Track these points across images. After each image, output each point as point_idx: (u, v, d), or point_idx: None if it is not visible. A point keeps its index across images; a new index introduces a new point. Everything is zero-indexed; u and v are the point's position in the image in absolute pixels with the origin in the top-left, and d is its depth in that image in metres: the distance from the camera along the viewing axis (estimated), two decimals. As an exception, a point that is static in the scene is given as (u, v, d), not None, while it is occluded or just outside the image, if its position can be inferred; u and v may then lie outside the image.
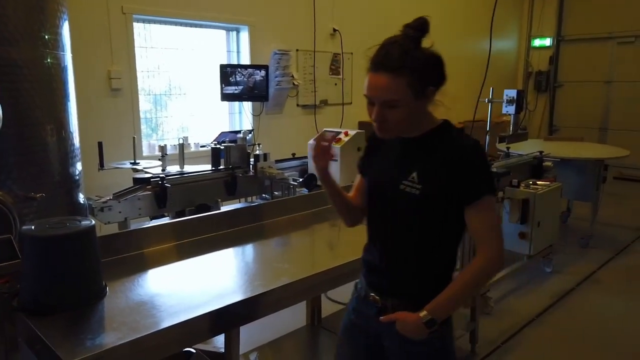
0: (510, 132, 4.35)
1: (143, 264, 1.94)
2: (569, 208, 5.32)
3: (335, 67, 5.77)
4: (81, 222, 1.60)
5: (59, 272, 1.49)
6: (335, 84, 5.78)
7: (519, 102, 4.08)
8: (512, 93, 4.13)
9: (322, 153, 1.43)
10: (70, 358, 1.26)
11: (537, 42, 8.87)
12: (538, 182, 3.85)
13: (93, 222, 1.62)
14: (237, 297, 1.64)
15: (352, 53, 5.92)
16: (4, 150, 2.25)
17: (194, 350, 2.07)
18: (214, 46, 5.02)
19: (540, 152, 4.30)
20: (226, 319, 1.60)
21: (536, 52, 8.93)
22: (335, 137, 1.48)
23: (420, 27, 1.31)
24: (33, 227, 1.52)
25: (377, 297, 1.42)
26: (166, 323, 1.47)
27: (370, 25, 6.14)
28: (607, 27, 8.05)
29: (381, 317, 1.37)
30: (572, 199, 5.12)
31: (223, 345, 2.16)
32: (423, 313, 1.30)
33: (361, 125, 5.33)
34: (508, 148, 4.38)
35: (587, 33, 8.28)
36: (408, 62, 1.27)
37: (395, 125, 1.32)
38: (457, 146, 1.32)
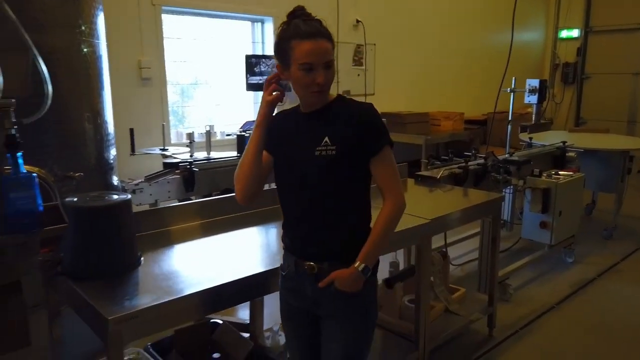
0: (533, 122, 4.33)
1: (173, 239, 2.07)
2: (593, 200, 5.27)
3: (358, 58, 5.82)
4: (118, 196, 1.73)
5: (98, 241, 1.62)
6: (358, 75, 5.83)
7: (542, 91, 4.08)
8: (534, 82, 4.13)
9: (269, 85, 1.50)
10: (110, 315, 1.38)
11: (564, 34, 8.73)
12: (560, 172, 3.85)
13: (129, 196, 1.74)
14: (259, 269, 1.74)
15: (375, 44, 5.96)
16: (45, 134, 2.39)
17: (220, 321, 2.19)
18: (239, 37, 5.14)
19: (564, 143, 4.28)
20: (251, 288, 1.70)
21: (563, 44, 8.79)
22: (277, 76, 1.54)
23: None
24: (76, 199, 1.65)
25: (311, 264, 1.50)
26: (195, 289, 1.58)
27: (393, 16, 6.17)
28: (636, 18, 7.87)
29: (320, 283, 1.48)
30: (596, 190, 5.07)
31: (248, 318, 2.29)
32: (357, 263, 1.46)
33: (383, 116, 5.37)
34: (530, 138, 4.38)
35: (616, 24, 8.11)
36: (329, 32, 1.46)
37: (329, 84, 1.46)
38: (356, 108, 1.51)
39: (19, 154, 1.28)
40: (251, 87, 4.82)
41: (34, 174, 1.29)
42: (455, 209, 2.59)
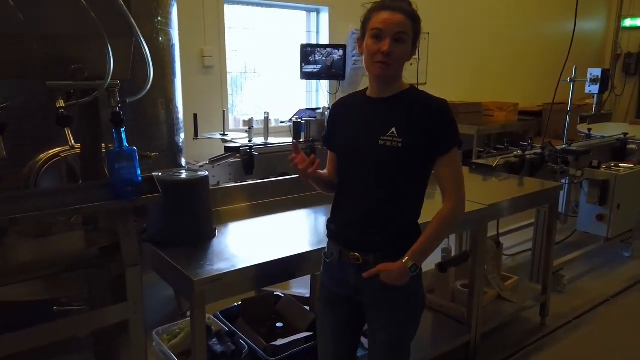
0: (593, 113, 4.23)
1: (236, 216, 2.22)
2: (654, 195, 5.07)
3: (411, 47, 5.82)
4: (198, 172, 1.89)
5: (182, 211, 1.79)
6: (411, 64, 5.78)
7: (603, 81, 3.97)
8: (596, 72, 4.02)
9: (301, 163, 1.49)
10: (195, 277, 1.54)
11: (627, 23, 8.34)
12: (620, 165, 3.75)
13: (207, 173, 1.90)
14: (322, 245, 1.84)
15: (428, 33, 5.93)
16: (125, 117, 2.59)
17: (283, 294, 2.33)
18: (294, 27, 5.25)
19: (625, 135, 4.16)
20: (313, 263, 1.81)
21: (626, 33, 8.40)
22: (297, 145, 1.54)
23: None
24: (160, 173, 1.82)
25: (356, 255, 1.48)
26: (267, 259, 1.72)
27: (448, 4, 6.12)
28: None
29: (364, 273, 1.45)
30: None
31: (308, 292, 2.41)
32: (406, 259, 1.43)
33: (435, 105, 5.36)
34: (589, 130, 4.28)
35: (686, 12, 7.68)
36: (415, 14, 1.45)
37: (398, 62, 1.43)
38: (429, 103, 1.46)
39: (123, 129, 1.44)
40: (305, 75, 4.96)
41: (135, 148, 1.45)
42: (511, 196, 2.61)
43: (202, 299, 1.56)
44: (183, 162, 3.11)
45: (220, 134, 3.93)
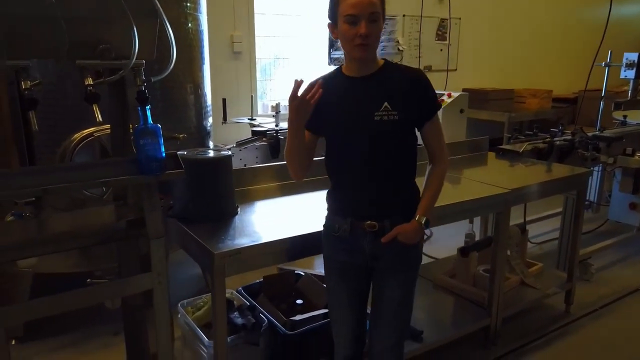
0: (628, 99, 4.09)
1: (259, 195, 2.28)
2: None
3: (441, 32, 5.74)
4: (221, 152, 1.95)
5: (206, 189, 1.86)
6: (441, 50, 5.76)
7: (640, 66, 3.83)
8: (632, 56, 3.88)
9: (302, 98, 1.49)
10: (216, 250, 1.61)
11: (673, 5, 7.94)
12: (657, 152, 3.63)
13: (230, 152, 1.96)
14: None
15: (460, 18, 5.83)
16: (154, 99, 2.68)
17: (303, 273, 2.39)
18: (323, 12, 5.24)
19: (663, 122, 4.00)
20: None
21: (671, 16, 8.00)
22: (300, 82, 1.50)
23: None
24: (185, 152, 1.90)
25: (373, 223, 1.57)
26: (286, 235, 1.77)
27: (480, -11, 5.98)
28: None
29: (383, 239, 1.56)
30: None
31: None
32: (418, 217, 1.58)
33: (466, 92, 5.29)
34: (625, 116, 4.13)
35: None
36: None
37: (375, 41, 1.49)
38: (410, 75, 1.57)
39: (148, 107, 1.51)
40: (333, 61, 4.97)
41: (159, 125, 1.51)
42: (536, 181, 2.58)
43: (221, 271, 1.63)
44: (211, 144, 3.20)
45: (248, 119, 4.01)
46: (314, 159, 1.57)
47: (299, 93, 1.48)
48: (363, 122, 1.54)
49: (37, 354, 2.46)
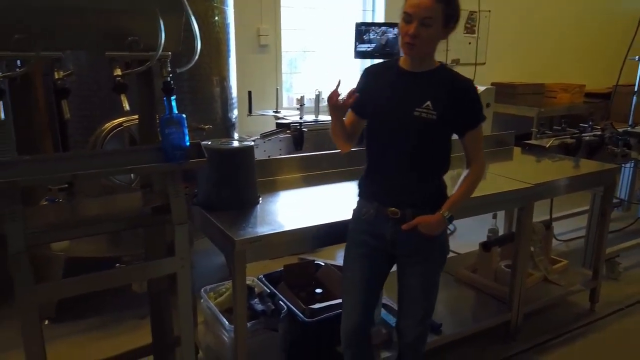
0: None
1: (282, 186, 2.33)
2: None
3: (470, 25, 5.65)
4: (243, 142, 2.00)
5: (226, 178, 1.91)
6: (469, 43, 5.67)
7: (677, 59, 3.69)
8: (669, 49, 3.74)
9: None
10: (237, 237, 1.66)
11: None
12: (692, 149, 3.50)
13: (253, 143, 2.01)
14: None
15: (489, 11, 5.73)
16: (181, 90, 2.75)
17: (323, 263, 2.42)
18: (349, 5, 5.25)
19: (701, 118, 3.86)
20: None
21: None
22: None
23: None
24: (209, 142, 1.95)
25: (395, 210, 1.64)
26: (306, 224, 1.81)
27: (511, -19, 5.86)
28: None
29: (403, 225, 1.63)
30: None
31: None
32: (443, 211, 1.64)
33: (494, 86, 5.20)
34: (660, 112, 4.00)
35: None
36: None
37: (424, 44, 1.55)
38: (459, 82, 1.65)
39: (173, 97, 1.56)
40: (359, 54, 4.95)
41: (184, 115, 1.57)
42: (562, 176, 2.54)
43: (242, 257, 1.68)
44: (235, 136, 3.26)
45: (273, 111, 4.06)
46: (332, 152, 1.64)
47: (337, 93, 1.63)
48: (402, 115, 1.62)
49: (68, 334, 2.58)
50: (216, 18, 2.85)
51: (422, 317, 1.76)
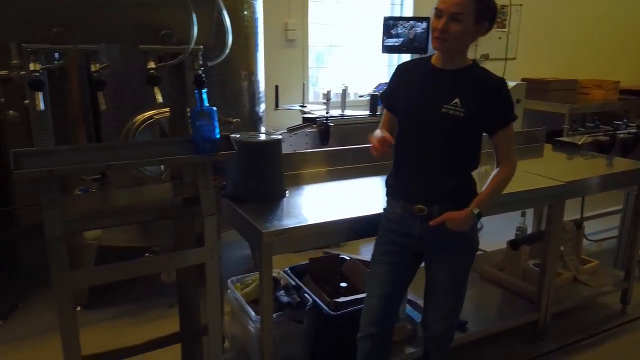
0: None
1: (307, 179, 2.34)
2: None
3: (501, 19, 5.53)
4: (271, 136, 2.02)
5: (254, 170, 1.93)
6: (500, 38, 5.56)
7: None
8: None
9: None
10: (264, 229, 1.67)
11: None
12: None
13: (280, 136, 2.02)
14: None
15: (521, 5, 5.60)
16: (211, 84, 2.78)
17: (348, 257, 2.43)
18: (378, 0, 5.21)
19: None
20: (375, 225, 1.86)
21: None
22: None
23: None
24: (238, 135, 1.97)
25: (421, 207, 1.64)
26: (332, 218, 1.82)
27: (544, -27, 5.71)
28: None
29: (431, 222, 1.63)
30: None
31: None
32: (472, 208, 1.63)
33: (524, 81, 5.10)
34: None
35: None
36: None
37: (453, 39, 1.54)
38: (490, 81, 1.63)
39: (204, 90, 1.58)
40: (386, 49, 4.92)
41: (214, 108, 1.59)
42: (594, 174, 2.48)
43: (269, 249, 1.70)
44: (262, 130, 3.28)
45: (300, 105, 4.07)
46: (358, 146, 1.64)
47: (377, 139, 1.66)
48: (430, 111, 1.61)
49: (99, 320, 2.66)
50: (245, 12, 2.87)
51: (448, 312, 1.75)
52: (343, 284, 2.24)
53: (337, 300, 2.03)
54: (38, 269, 2.93)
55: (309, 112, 3.84)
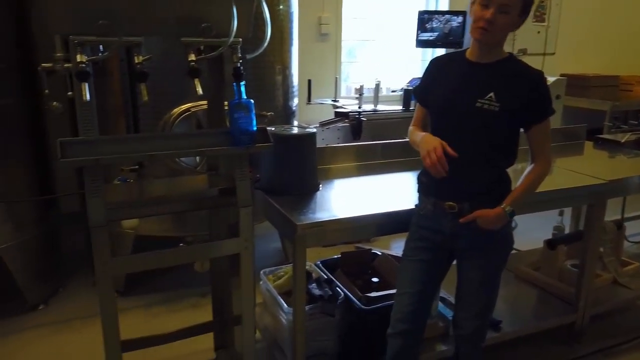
0: None
1: (347, 173, 2.34)
2: None
3: (540, 13, 5.39)
4: (306, 129, 2.02)
5: (289, 163, 1.94)
6: (538, 32, 5.41)
7: None
8: None
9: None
10: (299, 222, 1.68)
11: None
12: None
13: (315, 130, 2.02)
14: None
15: (561, -2, 5.44)
16: (246, 78, 2.80)
17: (380, 253, 2.42)
18: (413, -6, 5.14)
19: None
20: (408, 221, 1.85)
21: None
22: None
23: None
24: (273, 128, 1.98)
25: (452, 204, 1.61)
26: (365, 212, 1.81)
27: (587, -35, 5.52)
28: None
29: (461, 219, 1.60)
30: None
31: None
32: (504, 205, 1.59)
33: (564, 77, 4.95)
34: None
35: None
36: None
37: (497, 31, 1.51)
38: (527, 74, 1.58)
39: (242, 83, 1.60)
40: (421, 43, 4.85)
41: (252, 101, 1.60)
42: (637, 173, 2.39)
43: (303, 242, 1.70)
44: (295, 124, 3.29)
45: (332, 100, 4.07)
46: (389, 141, 1.62)
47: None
48: (464, 106, 1.58)
49: (135, 307, 2.73)
50: (281, 6, 2.87)
51: (480, 311, 1.72)
52: (375, 279, 2.23)
53: (369, 294, 2.02)
54: (78, 255, 3.05)
55: (341, 107, 3.84)
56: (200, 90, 1.53)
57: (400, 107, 4.00)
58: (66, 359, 2.31)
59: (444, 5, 5.08)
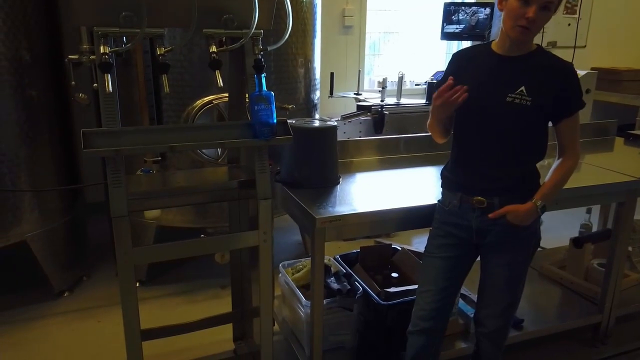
0: None
1: (368, 167, 2.32)
2: None
3: (571, 5, 5.22)
4: (327, 122, 2.01)
5: (309, 156, 1.93)
6: (569, 25, 5.25)
7: None
8: None
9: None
10: (317, 215, 1.67)
11: None
12: None
13: (336, 123, 2.01)
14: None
15: (593, -11, 5.26)
16: (267, 70, 2.80)
17: (399, 248, 2.39)
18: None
19: None
20: (430, 216, 1.81)
21: None
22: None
23: None
24: (294, 121, 1.97)
25: (480, 199, 1.58)
26: (385, 207, 1.79)
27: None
28: None
29: (490, 214, 1.57)
30: None
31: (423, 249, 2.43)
32: (536, 201, 1.56)
33: (595, 71, 4.80)
34: None
35: None
36: None
37: (538, 29, 1.46)
38: (558, 66, 1.53)
39: (263, 75, 1.59)
40: (446, 36, 4.77)
41: (272, 93, 1.59)
42: (671, 171, 2.30)
43: (322, 235, 1.69)
44: (317, 117, 3.28)
45: (354, 93, 4.04)
46: (411, 135, 1.58)
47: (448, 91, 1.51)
48: (494, 101, 1.54)
49: (156, 297, 2.77)
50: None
51: (504, 308, 1.69)
52: (394, 274, 2.21)
53: (388, 290, 2.00)
54: (103, 245, 3.11)
55: (363, 100, 3.80)
56: (221, 82, 1.53)
57: (424, 101, 3.94)
58: (88, 346, 2.37)
59: (470, -3, 4.98)
